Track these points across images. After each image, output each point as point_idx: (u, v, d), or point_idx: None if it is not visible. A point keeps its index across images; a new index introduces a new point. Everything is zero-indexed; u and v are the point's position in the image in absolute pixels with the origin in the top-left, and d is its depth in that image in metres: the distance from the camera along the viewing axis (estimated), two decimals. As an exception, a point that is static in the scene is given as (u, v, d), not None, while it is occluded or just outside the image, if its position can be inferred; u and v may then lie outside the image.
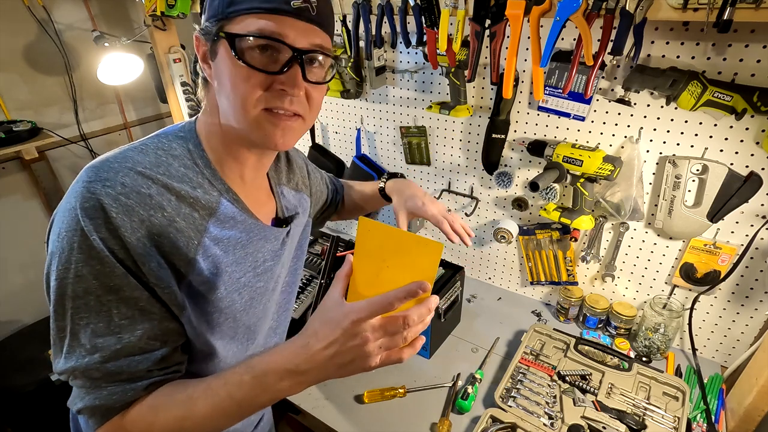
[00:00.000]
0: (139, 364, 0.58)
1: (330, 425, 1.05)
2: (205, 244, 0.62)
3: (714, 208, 1.03)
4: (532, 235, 1.36)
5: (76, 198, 0.54)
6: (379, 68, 1.39)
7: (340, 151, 1.71)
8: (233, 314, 0.69)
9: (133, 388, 0.58)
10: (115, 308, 0.56)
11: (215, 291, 0.64)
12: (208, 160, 0.65)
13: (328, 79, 0.65)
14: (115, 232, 0.53)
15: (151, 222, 0.56)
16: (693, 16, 0.74)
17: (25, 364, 1.71)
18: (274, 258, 0.76)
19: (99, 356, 0.56)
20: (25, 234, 1.93)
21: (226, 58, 0.58)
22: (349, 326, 0.51)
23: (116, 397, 0.57)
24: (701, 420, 1.02)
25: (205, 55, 0.62)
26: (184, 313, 0.62)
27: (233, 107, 0.60)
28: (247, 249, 0.69)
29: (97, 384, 0.57)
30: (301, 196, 0.88)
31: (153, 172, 0.58)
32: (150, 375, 0.59)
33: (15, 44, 1.76)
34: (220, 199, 0.65)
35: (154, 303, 0.58)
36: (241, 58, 0.56)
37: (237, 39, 0.56)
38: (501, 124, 1.26)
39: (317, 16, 0.59)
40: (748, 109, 0.90)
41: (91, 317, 0.55)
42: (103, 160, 0.57)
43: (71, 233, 0.53)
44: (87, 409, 0.57)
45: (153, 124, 2.30)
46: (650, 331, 1.19)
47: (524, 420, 0.99)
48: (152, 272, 0.56)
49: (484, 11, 0.94)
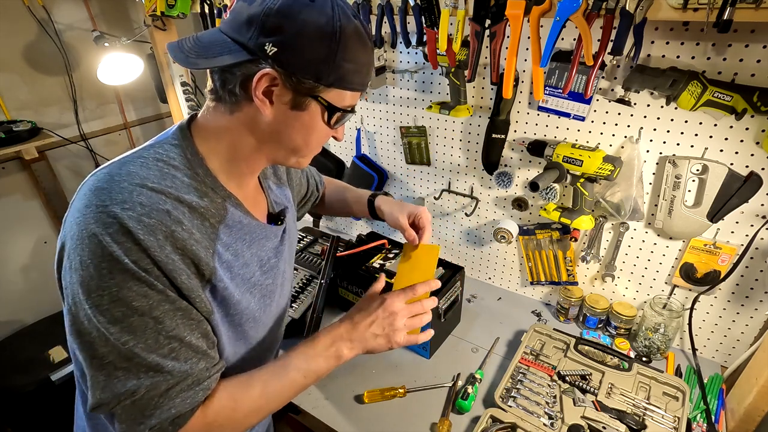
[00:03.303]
0: (198, 364, 0.61)
1: (330, 425, 1.05)
2: (218, 251, 0.64)
3: (714, 208, 1.03)
4: (532, 235, 1.36)
5: (96, 224, 0.53)
6: (379, 68, 1.39)
7: (340, 151, 1.71)
8: (251, 314, 0.72)
9: (202, 389, 0.61)
10: (160, 323, 0.57)
11: (234, 295, 0.67)
12: (207, 169, 0.65)
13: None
14: (145, 252, 0.54)
15: (174, 237, 0.57)
16: (693, 16, 0.74)
17: (25, 364, 1.71)
18: (277, 255, 0.79)
19: (162, 369, 0.57)
20: (26, 234, 1.93)
21: (316, 120, 0.63)
22: (387, 303, 0.74)
23: (190, 401, 0.59)
24: (701, 420, 1.02)
25: (277, 97, 0.60)
26: (212, 317, 0.65)
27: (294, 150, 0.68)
28: (252, 249, 0.71)
29: (167, 395, 0.58)
30: (284, 190, 0.90)
31: (162, 185, 0.58)
32: (209, 374, 0.63)
33: (15, 44, 1.76)
34: (226, 206, 0.66)
35: (191, 310, 0.60)
36: (328, 125, 0.65)
37: (336, 111, 0.63)
38: (501, 124, 1.26)
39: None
40: (748, 109, 0.90)
41: (138, 337, 0.55)
42: (108, 179, 0.56)
43: (99, 259, 0.53)
44: (163, 422, 0.58)
45: (153, 124, 2.30)
46: (650, 331, 1.19)
47: (524, 420, 0.99)
48: (184, 284, 0.58)
49: (484, 11, 0.94)
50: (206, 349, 0.62)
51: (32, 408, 1.67)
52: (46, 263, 1.99)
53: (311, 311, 1.26)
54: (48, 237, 2.00)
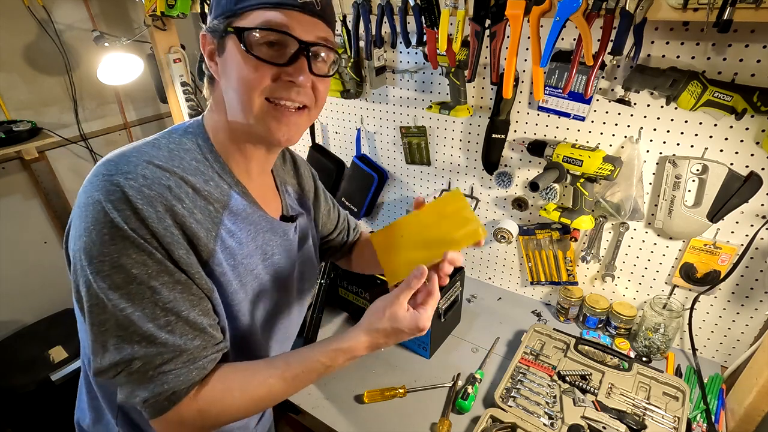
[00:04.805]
0: (194, 341, 0.59)
1: (330, 425, 1.05)
2: (222, 236, 0.64)
3: (714, 208, 1.03)
4: (532, 235, 1.36)
5: (100, 191, 0.54)
6: (379, 68, 1.39)
7: (340, 151, 1.71)
8: (246, 306, 0.70)
9: (197, 368, 0.60)
10: (158, 293, 0.56)
11: (232, 282, 0.66)
12: (217, 154, 0.66)
13: (331, 73, 0.67)
14: (143, 222, 0.54)
15: (173, 211, 0.57)
16: (693, 16, 0.74)
17: (25, 364, 1.71)
18: (282, 253, 0.77)
19: (155, 340, 0.56)
20: (26, 234, 1.92)
21: (234, 52, 0.59)
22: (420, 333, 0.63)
23: (183, 378, 0.58)
24: (701, 420, 1.02)
25: (212, 53, 0.64)
26: (213, 295, 0.63)
27: (240, 101, 0.61)
28: (256, 241, 0.71)
29: (161, 369, 0.57)
30: (306, 203, 0.89)
31: (169, 164, 0.60)
32: (206, 353, 0.61)
33: (15, 44, 1.76)
34: (231, 192, 0.67)
35: (192, 285, 0.60)
36: (249, 51, 0.58)
37: (246, 32, 0.58)
38: (501, 124, 1.25)
39: (321, 11, 0.61)
40: (748, 109, 0.90)
41: (136, 305, 0.55)
42: (119, 154, 0.59)
43: (100, 226, 0.54)
44: (153, 396, 0.57)
45: (153, 124, 2.30)
46: (650, 331, 1.19)
47: (524, 420, 0.99)
48: (182, 258, 0.58)
49: (484, 11, 0.94)
50: (205, 326, 0.61)
51: (32, 408, 1.66)
52: (46, 263, 1.99)
53: (311, 311, 1.26)
54: (48, 237, 2.00)
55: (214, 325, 0.64)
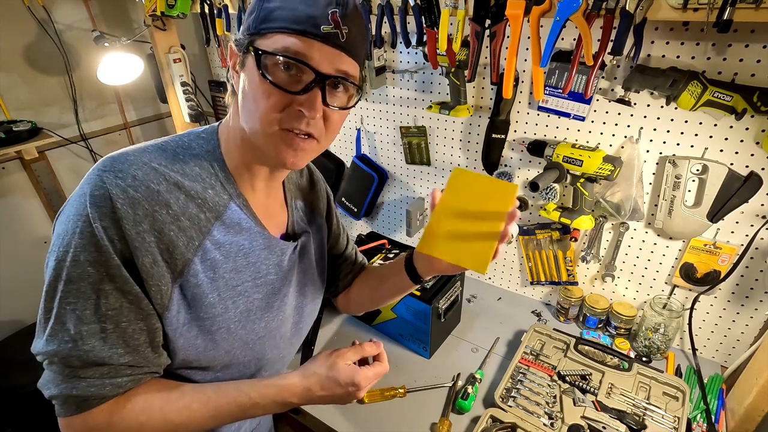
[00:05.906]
0: (122, 358, 0.58)
1: (330, 425, 1.05)
2: (205, 246, 0.62)
3: (714, 208, 1.03)
4: (532, 235, 1.36)
5: (89, 185, 0.55)
6: (379, 68, 1.39)
7: (340, 151, 1.71)
8: (226, 324, 0.66)
9: (112, 384, 0.58)
10: (104, 298, 0.56)
11: (208, 296, 0.63)
12: (223, 163, 0.66)
13: (350, 105, 0.65)
14: (117, 222, 0.54)
15: (154, 217, 0.57)
16: (693, 16, 0.74)
17: (25, 364, 1.71)
18: (278, 273, 0.73)
19: (82, 344, 0.55)
20: (25, 234, 1.92)
21: (252, 72, 0.59)
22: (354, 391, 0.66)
23: (94, 390, 0.57)
24: (701, 420, 1.02)
25: (235, 65, 0.63)
26: (165, 315, 0.61)
27: (252, 120, 0.61)
28: (249, 258, 0.68)
29: (76, 373, 0.56)
30: (319, 220, 0.86)
31: (167, 168, 0.60)
32: (131, 372, 0.59)
33: (15, 44, 1.76)
34: (230, 203, 0.65)
35: (143, 298, 0.58)
36: (264, 74, 0.57)
37: (263, 55, 0.57)
38: (501, 124, 1.26)
39: (346, 43, 0.58)
40: (748, 109, 0.90)
41: (80, 303, 0.55)
42: (122, 152, 0.59)
43: (76, 218, 0.55)
44: (61, 396, 0.57)
45: (153, 124, 2.30)
46: (650, 331, 1.19)
47: (524, 420, 0.99)
48: (144, 267, 0.57)
49: (484, 11, 0.94)
50: (140, 345, 0.59)
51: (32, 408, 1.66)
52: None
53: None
54: (48, 237, 2.00)
55: (156, 345, 0.61)
